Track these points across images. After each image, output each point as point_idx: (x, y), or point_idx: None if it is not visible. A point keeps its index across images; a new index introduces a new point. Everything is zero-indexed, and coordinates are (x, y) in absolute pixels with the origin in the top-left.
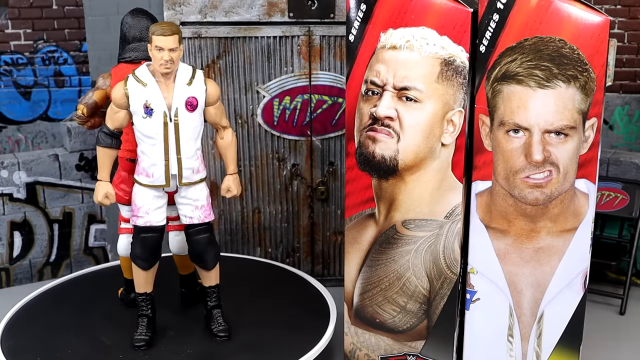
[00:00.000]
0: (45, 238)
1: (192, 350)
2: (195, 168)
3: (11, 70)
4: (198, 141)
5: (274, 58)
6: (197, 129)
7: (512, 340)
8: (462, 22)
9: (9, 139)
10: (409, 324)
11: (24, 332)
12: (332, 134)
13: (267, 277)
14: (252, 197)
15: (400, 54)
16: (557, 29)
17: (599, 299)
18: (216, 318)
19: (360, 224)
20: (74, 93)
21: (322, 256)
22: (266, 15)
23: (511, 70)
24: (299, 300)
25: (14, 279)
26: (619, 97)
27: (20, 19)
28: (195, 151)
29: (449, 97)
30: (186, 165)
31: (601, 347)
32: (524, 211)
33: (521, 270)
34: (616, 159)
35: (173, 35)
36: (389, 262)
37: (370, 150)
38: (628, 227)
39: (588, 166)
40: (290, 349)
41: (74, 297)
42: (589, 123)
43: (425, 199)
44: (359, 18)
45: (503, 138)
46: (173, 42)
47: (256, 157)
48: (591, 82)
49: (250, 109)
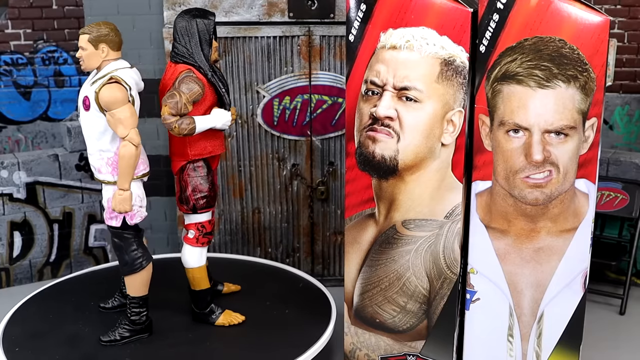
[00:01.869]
0: (45, 238)
1: (193, 350)
2: (97, 168)
3: (11, 70)
4: (101, 142)
5: (274, 58)
6: (96, 129)
7: (512, 340)
8: (462, 22)
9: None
10: (409, 324)
11: (24, 332)
12: (332, 134)
13: (267, 277)
14: (252, 197)
15: (400, 54)
16: (557, 29)
17: (599, 299)
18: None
19: (360, 224)
20: (74, 93)
21: (322, 256)
22: (266, 15)
23: (511, 70)
24: (299, 300)
25: (14, 279)
26: (619, 97)
27: (20, 19)
28: (98, 151)
29: (449, 97)
30: (90, 161)
31: (601, 347)
32: (524, 211)
33: (521, 270)
34: (616, 159)
35: (82, 35)
36: (389, 262)
37: (370, 150)
38: (628, 227)
39: (588, 166)
40: (290, 349)
41: (74, 297)
42: (589, 123)
43: (425, 199)
44: (359, 18)
45: (503, 138)
46: (80, 41)
47: (256, 157)
48: (591, 82)
49: (250, 109)
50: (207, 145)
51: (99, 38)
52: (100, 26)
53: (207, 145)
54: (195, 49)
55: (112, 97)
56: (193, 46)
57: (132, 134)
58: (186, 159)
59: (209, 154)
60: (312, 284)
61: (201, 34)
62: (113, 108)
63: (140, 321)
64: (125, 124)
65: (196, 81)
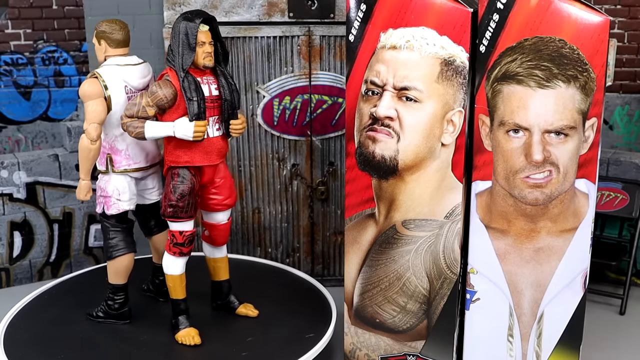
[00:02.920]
0: (45, 238)
1: (192, 349)
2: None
3: (11, 70)
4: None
5: (274, 58)
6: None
7: (512, 340)
8: (462, 22)
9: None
10: (409, 324)
11: (24, 332)
12: (332, 134)
13: (267, 277)
14: (252, 197)
15: (400, 54)
16: (557, 29)
17: (599, 299)
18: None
19: (360, 224)
20: (73, 93)
21: (322, 256)
22: (266, 15)
23: (511, 70)
24: (299, 300)
25: (14, 279)
26: (619, 97)
27: (20, 19)
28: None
29: (449, 97)
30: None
31: (601, 347)
32: (524, 211)
33: (521, 270)
34: (616, 159)
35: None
36: (389, 262)
37: (370, 150)
38: (628, 227)
39: (588, 166)
40: (290, 349)
41: (74, 297)
42: (589, 123)
43: (425, 199)
44: (359, 18)
45: (503, 138)
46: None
47: (256, 157)
48: (591, 82)
49: (250, 109)
50: (182, 154)
51: (98, 35)
52: (104, 24)
53: (182, 154)
54: (177, 52)
55: (82, 91)
56: (175, 48)
57: (90, 129)
58: (167, 164)
59: (185, 164)
60: (312, 284)
61: (182, 37)
62: (84, 101)
63: (113, 307)
64: (88, 117)
65: (165, 86)
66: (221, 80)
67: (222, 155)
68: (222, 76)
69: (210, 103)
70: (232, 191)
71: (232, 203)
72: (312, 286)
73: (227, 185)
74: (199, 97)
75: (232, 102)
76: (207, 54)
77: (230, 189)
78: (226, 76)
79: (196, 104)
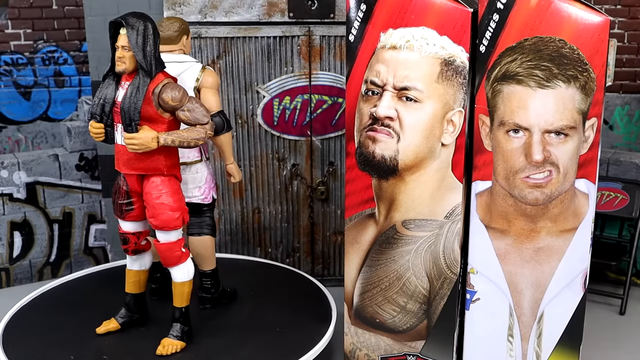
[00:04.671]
0: (45, 238)
1: (192, 349)
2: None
3: (11, 70)
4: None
5: (274, 58)
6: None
7: (512, 340)
8: (462, 22)
9: (9, 139)
10: (409, 324)
11: (24, 332)
12: (332, 134)
13: (267, 277)
14: (252, 197)
15: (400, 54)
16: (557, 29)
17: (599, 299)
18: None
19: (360, 224)
20: (74, 93)
21: (322, 256)
22: (266, 15)
23: (511, 70)
24: (299, 300)
25: (14, 279)
26: (619, 97)
27: (20, 19)
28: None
29: (449, 97)
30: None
31: (601, 347)
32: (524, 211)
33: (521, 270)
34: (616, 159)
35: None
36: (389, 262)
37: (370, 150)
38: (628, 227)
39: (588, 166)
40: (290, 349)
41: (74, 297)
42: (589, 123)
43: (425, 199)
44: (359, 18)
45: (503, 138)
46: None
47: (256, 157)
48: (591, 82)
49: (250, 109)
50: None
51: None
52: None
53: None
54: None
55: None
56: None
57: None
58: None
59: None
60: (312, 284)
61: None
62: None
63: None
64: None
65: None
66: (129, 88)
67: (132, 167)
68: (133, 85)
69: (117, 109)
70: (159, 212)
71: (158, 224)
72: (313, 286)
73: (151, 203)
74: (104, 98)
75: (128, 112)
76: (118, 59)
77: (156, 208)
78: (138, 86)
79: (96, 103)
